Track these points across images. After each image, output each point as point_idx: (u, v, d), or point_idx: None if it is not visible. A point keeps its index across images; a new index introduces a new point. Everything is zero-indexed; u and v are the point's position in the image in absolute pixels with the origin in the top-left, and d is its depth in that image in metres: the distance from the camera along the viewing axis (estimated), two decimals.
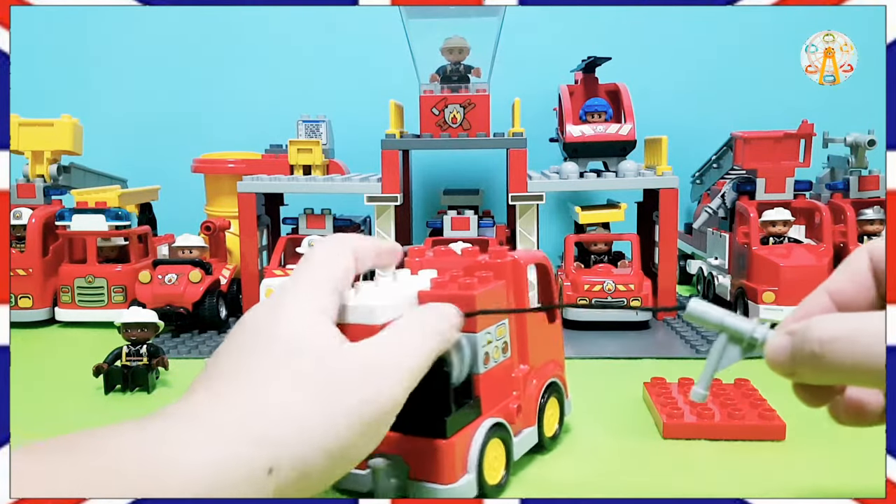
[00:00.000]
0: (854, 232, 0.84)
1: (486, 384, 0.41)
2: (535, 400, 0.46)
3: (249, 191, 0.88)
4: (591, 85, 0.93)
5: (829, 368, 0.29)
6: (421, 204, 1.16)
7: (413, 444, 0.39)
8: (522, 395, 0.44)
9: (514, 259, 0.45)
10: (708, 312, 0.33)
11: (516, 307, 0.45)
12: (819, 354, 0.29)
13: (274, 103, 1.19)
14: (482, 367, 0.41)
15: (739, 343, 0.33)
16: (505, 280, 0.44)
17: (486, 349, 0.41)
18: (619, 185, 0.86)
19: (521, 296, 0.46)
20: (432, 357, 0.36)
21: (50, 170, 0.93)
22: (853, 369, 0.29)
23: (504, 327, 0.43)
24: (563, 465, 0.46)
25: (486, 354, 0.41)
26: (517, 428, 0.44)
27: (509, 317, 0.44)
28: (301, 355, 0.33)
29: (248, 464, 0.29)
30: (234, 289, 0.89)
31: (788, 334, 0.31)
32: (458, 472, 0.39)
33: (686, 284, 1.04)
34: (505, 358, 0.43)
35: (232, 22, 1.20)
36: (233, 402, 0.31)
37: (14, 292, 0.86)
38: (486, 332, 0.41)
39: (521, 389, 0.44)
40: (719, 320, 0.33)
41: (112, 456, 0.27)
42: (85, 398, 0.61)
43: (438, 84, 0.86)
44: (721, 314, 0.33)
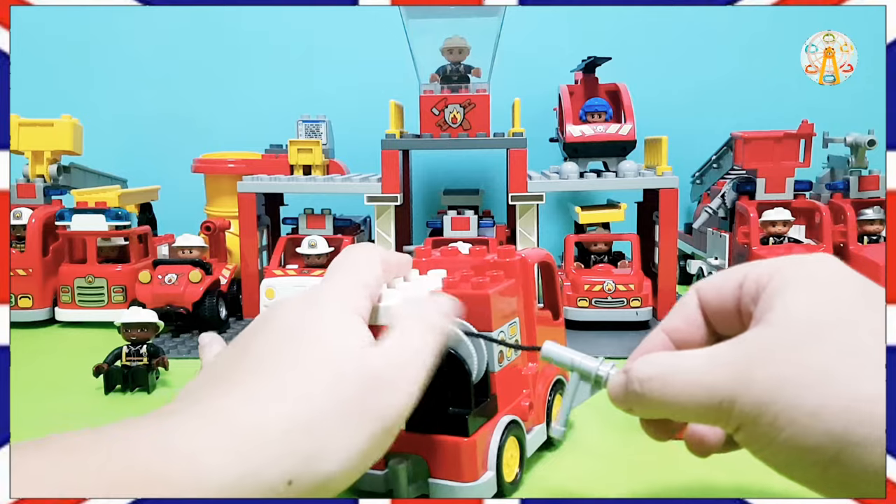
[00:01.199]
0: (854, 232, 0.84)
1: (502, 382, 0.41)
2: (544, 397, 0.46)
3: (249, 191, 0.88)
4: (591, 85, 0.93)
5: (650, 406, 0.30)
6: (421, 204, 1.16)
7: (432, 443, 0.39)
8: (532, 392, 0.45)
9: (522, 258, 0.45)
10: (560, 354, 0.36)
11: (526, 305, 0.45)
12: (640, 393, 0.30)
13: (274, 103, 1.19)
14: (497, 366, 0.41)
15: (588, 381, 0.35)
16: (515, 279, 0.44)
17: (501, 347, 0.41)
18: (619, 185, 0.86)
19: (529, 294, 0.46)
20: (438, 353, 0.35)
21: (50, 170, 0.93)
22: (671, 406, 0.30)
23: (515, 326, 0.44)
24: (564, 464, 0.46)
25: (500, 353, 0.41)
26: (529, 425, 0.44)
27: (519, 315, 0.44)
28: (342, 359, 0.31)
29: (269, 478, 0.28)
30: (234, 289, 0.89)
31: (623, 373, 0.32)
32: (480, 470, 0.39)
33: (686, 284, 1.04)
34: (516, 356, 0.44)
35: (232, 22, 1.20)
36: (264, 407, 0.29)
37: (14, 292, 0.86)
38: (500, 331, 0.41)
39: (531, 387, 0.45)
40: (569, 361, 0.35)
41: (123, 452, 0.26)
42: (85, 398, 0.61)
43: (438, 84, 0.86)
44: (571, 355, 0.35)
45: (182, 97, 1.22)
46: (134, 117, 1.23)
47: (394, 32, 0.87)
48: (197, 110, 1.22)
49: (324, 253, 0.85)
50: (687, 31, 1.18)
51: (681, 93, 1.18)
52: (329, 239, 0.86)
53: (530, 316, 0.46)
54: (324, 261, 0.86)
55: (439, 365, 0.36)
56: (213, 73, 1.21)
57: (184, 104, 1.22)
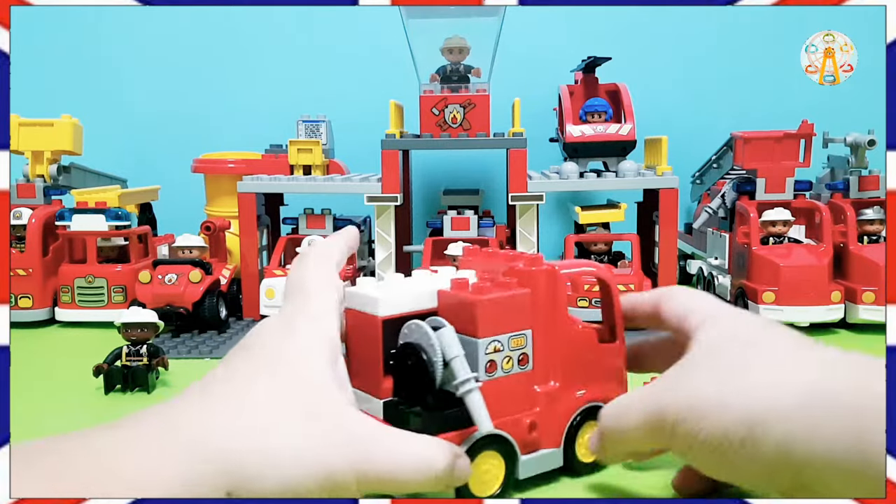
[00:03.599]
0: (854, 232, 0.84)
1: (489, 394, 0.38)
2: (562, 420, 0.43)
3: (249, 191, 0.88)
4: (591, 85, 0.93)
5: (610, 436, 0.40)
6: (421, 204, 1.16)
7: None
8: (545, 412, 0.42)
9: (549, 268, 0.43)
10: (449, 345, 0.38)
11: (547, 319, 0.42)
12: (602, 427, 0.40)
13: (274, 103, 1.19)
14: (485, 375, 0.39)
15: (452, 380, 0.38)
16: (532, 289, 0.42)
17: (492, 357, 0.40)
18: (619, 185, 0.86)
19: (554, 308, 0.43)
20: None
21: (50, 170, 0.93)
22: (622, 430, 0.39)
23: (524, 338, 0.41)
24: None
25: (490, 363, 0.40)
26: (530, 446, 0.42)
27: (534, 328, 0.42)
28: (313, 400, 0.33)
29: (205, 484, 0.29)
30: (234, 289, 0.89)
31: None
32: None
33: (686, 284, 1.04)
34: (522, 370, 0.41)
35: (232, 22, 1.20)
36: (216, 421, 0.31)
37: (14, 292, 0.86)
38: (494, 339, 0.40)
39: (543, 406, 0.42)
40: (450, 355, 0.38)
41: (63, 458, 0.28)
42: (85, 398, 0.61)
43: (438, 84, 0.86)
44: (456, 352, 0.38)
45: (182, 97, 1.22)
46: (134, 117, 1.23)
47: (394, 32, 0.87)
48: (197, 110, 1.22)
49: None
50: (687, 31, 1.18)
51: (681, 93, 1.18)
52: None
53: (554, 331, 0.43)
54: None
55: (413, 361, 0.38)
56: (213, 73, 1.21)
57: (184, 104, 1.22)
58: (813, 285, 0.78)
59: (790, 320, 0.78)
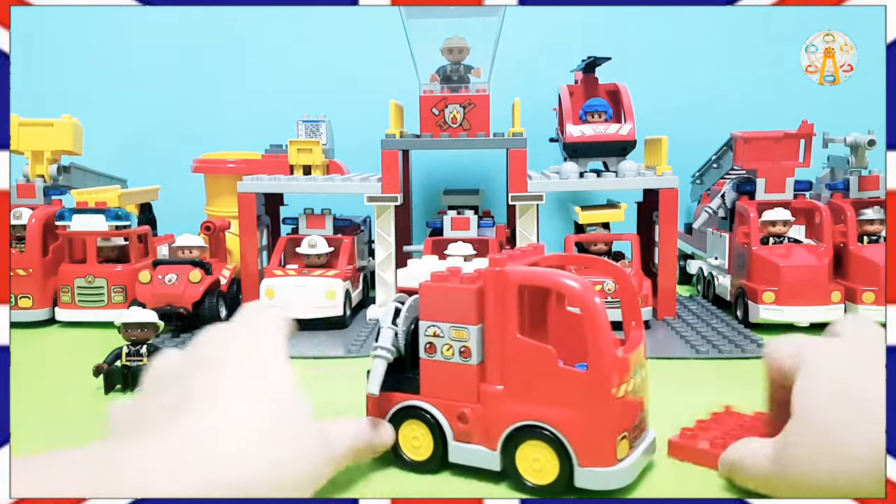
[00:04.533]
0: (854, 232, 0.84)
1: (426, 372, 0.44)
2: (499, 424, 0.42)
3: (249, 191, 0.88)
4: (591, 85, 0.93)
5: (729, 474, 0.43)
6: (421, 204, 1.16)
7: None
8: (482, 410, 0.43)
9: (499, 272, 0.42)
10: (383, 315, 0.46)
11: (497, 323, 0.42)
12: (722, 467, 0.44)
13: (274, 103, 1.19)
14: (423, 353, 0.44)
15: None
16: (479, 287, 0.42)
17: (431, 340, 0.44)
18: (619, 185, 0.86)
19: (504, 312, 0.42)
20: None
21: (50, 170, 0.93)
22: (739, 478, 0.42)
23: (466, 331, 0.42)
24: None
25: (429, 344, 0.44)
26: (463, 435, 0.44)
27: (487, 327, 0.42)
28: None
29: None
30: (234, 289, 0.89)
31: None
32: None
33: (686, 284, 1.04)
34: (464, 362, 0.43)
35: (232, 22, 1.20)
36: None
37: (14, 292, 0.86)
38: (433, 324, 0.44)
39: (482, 404, 0.43)
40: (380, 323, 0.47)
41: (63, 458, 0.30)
42: (85, 398, 0.61)
43: (438, 84, 0.86)
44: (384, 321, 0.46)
45: (182, 97, 1.22)
46: (134, 117, 1.23)
47: (394, 32, 0.87)
48: (197, 110, 1.22)
49: (324, 253, 0.85)
50: (687, 31, 1.18)
51: (680, 93, 1.18)
52: (329, 239, 0.86)
53: (505, 338, 0.42)
54: (324, 261, 0.86)
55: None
56: (212, 73, 1.21)
57: (184, 104, 1.22)
58: (813, 285, 0.78)
59: (790, 320, 0.78)
